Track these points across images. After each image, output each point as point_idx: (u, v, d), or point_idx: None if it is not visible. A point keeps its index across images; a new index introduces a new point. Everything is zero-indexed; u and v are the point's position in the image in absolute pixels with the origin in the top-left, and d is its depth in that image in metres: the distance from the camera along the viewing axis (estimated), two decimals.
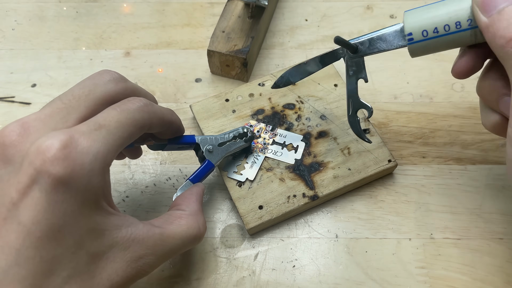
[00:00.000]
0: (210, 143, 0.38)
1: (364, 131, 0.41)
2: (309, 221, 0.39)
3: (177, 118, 0.35)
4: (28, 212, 0.24)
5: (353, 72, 0.36)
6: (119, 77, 0.31)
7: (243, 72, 0.45)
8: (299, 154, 0.40)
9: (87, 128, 0.27)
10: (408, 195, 0.40)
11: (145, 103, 0.30)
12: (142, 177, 0.41)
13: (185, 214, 0.33)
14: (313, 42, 0.49)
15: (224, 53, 0.44)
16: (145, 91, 0.34)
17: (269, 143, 0.41)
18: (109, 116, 0.28)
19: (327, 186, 0.39)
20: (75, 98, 0.29)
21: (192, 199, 0.34)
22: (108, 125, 0.27)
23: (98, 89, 0.30)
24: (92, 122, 0.27)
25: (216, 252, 0.38)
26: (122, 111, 0.29)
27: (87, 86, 0.30)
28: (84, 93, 0.29)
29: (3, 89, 0.47)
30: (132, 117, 0.29)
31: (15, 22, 0.51)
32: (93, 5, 0.52)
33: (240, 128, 0.39)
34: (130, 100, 0.30)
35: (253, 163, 0.39)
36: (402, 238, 0.38)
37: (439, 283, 0.36)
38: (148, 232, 0.29)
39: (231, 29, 0.45)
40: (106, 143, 0.27)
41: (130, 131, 0.29)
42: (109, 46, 0.49)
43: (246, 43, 0.44)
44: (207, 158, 0.37)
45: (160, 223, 0.31)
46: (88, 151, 0.26)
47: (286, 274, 0.37)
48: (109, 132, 0.27)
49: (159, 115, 0.32)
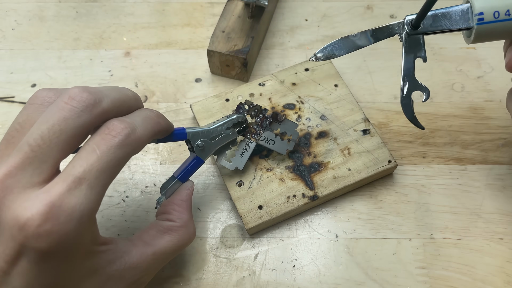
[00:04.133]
0: (202, 137, 0.35)
1: (364, 131, 0.41)
2: (309, 221, 0.39)
3: (164, 124, 0.31)
4: (20, 279, 0.25)
5: (411, 50, 0.33)
6: (92, 101, 0.27)
7: (243, 72, 0.45)
8: (292, 144, 0.39)
9: (65, 188, 0.24)
10: (408, 195, 0.40)
11: (127, 134, 0.27)
12: (142, 177, 0.41)
13: (176, 227, 0.32)
14: (313, 42, 0.49)
15: (224, 53, 0.44)
16: (123, 98, 0.30)
17: (262, 128, 0.39)
18: (87, 164, 0.25)
19: (327, 186, 0.39)
20: (45, 142, 0.25)
21: (183, 206, 0.33)
22: (88, 178, 0.25)
23: (70, 126, 0.26)
24: (71, 178, 0.25)
25: (216, 252, 0.38)
26: (102, 153, 0.26)
27: (56, 124, 0.26)
28: (55, 134, 0.26)
29: (3, 89, 0.47)
30: (114, 158, 0.26)
31: (15, 22, 0.51)
32: (93, 5, 0.52)
33: (235, 116, 0.37)
34: (109, 133, 0.27)
35: (244, 151, 0.38)
36: (402, 238, 0.38)
37: (439, 283, 0.36)
38: (141, 256, 0.30)
39: (231, 29, 0.45)
40: (89, 200, 0.25)
41: (114, 173, 0.27)
42: (109, 46, 0.49)
43: (246, 43, 0.44)
44: (197, 154, 0.35)
45: (150, 237, 0.31)
46: (72, 217, 0.24)
47: (286, 274, 0.37)
48: (90, 187, 0.25)
49: (144, 140, 0.29)
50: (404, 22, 0.33)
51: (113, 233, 0.39)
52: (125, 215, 0.40)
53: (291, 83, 0.44)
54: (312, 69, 0.44)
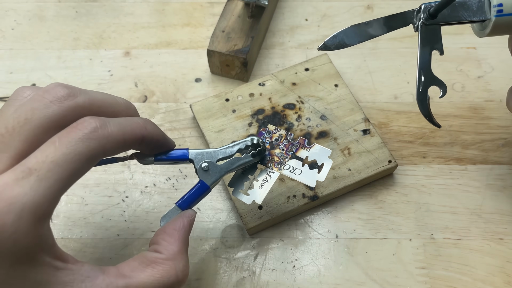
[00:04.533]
0: (207, 158, 0.31)
1: (364, 131, 0.41)
2: (309, 221, 0.39)
3: (153, 132, 0.29)
4: None
5: (427, 41, 0.31)
6: (65, 93, 0.26)
7: (243, 72, 0.45)
8: (324, 175, 0.33)
9: (12, 178, 0.23)
10: (409, 195, 0.40)
11: (94, 127, 0.25)
12: (142, 177, 0.41)
13: (161, 259, 0.28)
14: (313, 42, 0.49)
15: (224, 53, 0.44)
16: (109, 100, 0.28)
17: (288, 156, 0.33)
18: (43, 155, 0.23)
19: (327, 186, 0.39)
20: (8, 131, 0.24)
21: (173, 237, 0.29)
22: (39, 169, 0.23)
23: (36, 116, 0.25)
24: (21, 168, 0.23)
25: (216, 252, 0.38)
26: (61, 145, 0.24)
27: (23, 113, 0.25)
28: (19, 123, 0.24)
29: (2, 89, 0.46)
30: (73, 150, 0.24)
31: (14, 22, 0.51)
32: (93, 5, 0.52)
33: (249, 139, 0.32)
34: (75, 126, 0.25)
35: (264, 182, 0.33)
36: (402, 238, 0.38)
37: (440, 283, 0.36)
38: (108, 286, 0.25)
39: (231, 29, 0.45)
40: (35, 193, 0.23)
41: (72, 169, 0.24)
42: (108, 46, 0.49)
43: (246, 43, 0.44)
44: (200, 178, 0.31)
45: (130, 269, 0.27)
46: (10, 209, 0.22)
47: (286, 274, 0.37)
48: (39, 179, 0.23)
49: (116, 138, 0.26)
50: (420, 10, 0.31)
51: (113, 233, 0.39)
52: (125, 215, 0.40)
53: (291, 83, 0.44)
54: (312, 69, 0.44)
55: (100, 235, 0.39)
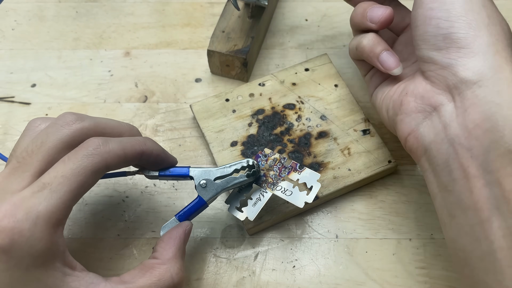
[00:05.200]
0: (206, 176, 0.34)
1: (364, 131, 0.41)
2: (309, 221, 0.39)
3: (152, 148, 0.32)
4: None
5: None
6: (73, 118, 0.30)
7: (243, 72, 0.45)
8: (311, 196, 0.35)
9: (30, 192, 0.27)
10: (409, 195, 0.40)
11: (96, 145, 0.29)
12: (142, 177, 0.41)
13: (157, 264, 0.31)
14: (313, 42, 0.49)
15: (224, 53, 0.44)
16: (112, 124, 0.32)
17: (280, 178, 0.36)
18: (54, 172, 0.27)
19: (327, 186, 0.39)
20: (28, 154, 0.29)
21: (169, 244, 0.32)
22: (51, 183, 0.27)
23: (50, 138, 0.29)
24: (37, 184, 0.27)
25: (216, 252, 0.38)
26: (69, 161, 0.28)
27: (39, 138, 0.29)
28: (37, 146, 0.29)
29: (3, 89, 0.47)
30: (79, 166, 0.28)
31: (15, 22, 0.51)
32: (93, 5, 0.52)
33: (245, 160, 0.35)
34: (81, 146, 0.29)
35: (257, 200, 0.35)
36: (402, 238, 0.38)
37: (440, 283, 0.36)
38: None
39: (231, 29, 0.45)
40: (47, 203, 0.26)
41: (79, 181, 0.28)
42: (109, 46, 0.49)
43: (246, 43, 0.44)
44: (199, 194, 0.34)
45: (131, 276, 0.30)
46: (27, 217, 0.26)
47: (286, 274, 0.37)
48: (51, 191, 0.27)
49: (116, 152, 0.30)
50: None
51: (113, 233, 0.39)
52: (125, 215, 0.40)
53: (291, 83, 0.44)
54: (312, 69, 0.44)
55: (100, 235, 0.39)
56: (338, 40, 0.49)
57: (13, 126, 0.44)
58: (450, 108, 0.29)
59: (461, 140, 0.28)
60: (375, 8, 0.34)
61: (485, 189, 0.27)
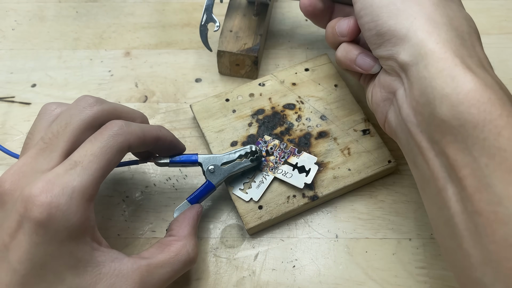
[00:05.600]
0: (213, 162, 0.37)
1: (364, 131, 0.41)
2: (309, 221, 0.39)
3: (166, 134, 0.35)
4: (15, 253, 0.27)
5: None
6: (93, 101, 0.32)
7: (253, 70, 0.45)
8: (310, 177, 0.38)
9: (63, 169, 0.28)
10: (408, 195, 0.40)
11: (120, 126, 0.31)
12: (142, 177, 0.41)
13: (174, 240, 0.33)
14: (313, 42, 0.49)
15: (235, 52, 0.44)
16: (127, 109, 0.34)
17: (280, 162, 0.39)
18: (83, 150, 0.29)
19: (327, 186, 0.39)
20: (54, 135, 0.30)
21: (184, 223, 0.35)
22: (83, 161, 0.29)
23: (74, 119, 0.31)
24: (68, 162, 0.29)
25: (216, 252, 0.38)
26: (95, 141, 0.30)
27: (63, 119, 0.31)
28: (62, 127, 0.31)
29: (3, 89, 0.47)
30: (106, 144, 0.30)
31: (15, 22, 0.51)
32: (93, 5, 0.52)
33: (248, 147, 0.38)
34: (106, 126, 0.31)
35: (260, 183, 0.38)
36: (402, 238, 0.38)
37: (439, 283, 0.36)
38: (133, 265, 0.30)
39: (239, 28, 0.45)
40: (81, 179, 0.28)
41: (107, 159, 0.30)
42: (109, 46, 0.49)
43: (255, 41, 0.44)
44: (207, 178, 0.37)
45: (150, 253, 0.32)
46: (63, 192, 0.27)
47: (286, 274, 0.37)
48: (83, 168, 0.29)
49: (138, 134, 0.32)
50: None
51: (113, 233, 0.39)
52: (125, 215, 0.40)
53: (291, 83, 0.44)
54: (312, 69, 0.44)
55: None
56: None
57: (13, 126, 0.44)
58: (401, 91, 0.32)
59: (411, 118, 0.31)
60: (341, 23, 0.37)
61: (436, 160, 0.29)
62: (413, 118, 0.30)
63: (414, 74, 0.30)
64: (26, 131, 0.44)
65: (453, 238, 0.28)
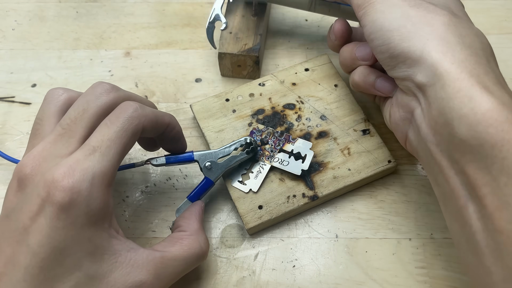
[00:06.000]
0: (209, 158, 0.37)
1: (364, 131, 0.41)
2: (309, 221, 0.39)
3: (176, 123, 0.35)
4: (35, 236, 0.27)
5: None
6: (110, 87, 0.33)
7: (255, 70, 0.45)
8: (307, 164, 0.39)
9: (82, 155, 0.29)
10: (408, 195, 0.40)
11: (135, 108, 0.31)
12: (142, 177, 0.41)
13: (186, 235, 0.34)
14: (313, 42, 0.49)
15: (236, 53, 0.44)
16: (140, 98, 0.35)
17: (276, 150, 0.40)
18: (100, 135, 0.30)
19: (327, 186, 0.39)
20: (72, 121, 0.31)
21: (192, 218, 0.35)
22: (101, 146, 0.29)
23: (91, 105, 0.31)
24: (87, 147, 0.29)
25: (216, 252, 0.38)
26: (112, 125, 0.30)
27: (81, 105, 0.31)
28: (79, 113, 0.31)
29: (3, 89, 0.47)
30: (122, 128, 0.30)
31: (15, 22, 0.51)
32: (93, 5, 0.52)
33: (243, 139, 0.38)
34: (121, 107, 0.31)
35: (258, 173, 0.39)
36: (402, 238, 0.38)
37: (439, 283, 0.36)
38: (148, 256, 0.31)
39: (238, 29, 0.45)
40: (101, 165, 0.29)
41: (124, 143, 0.30)
42: (109, 46, 0.49)
43: (255, 41, 0.44)
44: (205, 175, 0.37)
45: (162, 247, 0.32)
46: (84, 178, 0.28)
47: (286, 274, 0.37)
48: (102, 154, 0.29)
49: (151, 117, 0.32)
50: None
51: None
52: (125, 215, 0.40)
53: (291, 83, 0.44)
54: (312, 69, 0.44)
55: None
56: None
57: (13, 126, 0.44)
58: (419, 111, 0.32)
59: (430, 137, 0.31)
60: (361, 48, 0.38)
61: (456, 178, 0.30)
62: (432, 138, 0.31)
63: (431, 95, 0.30)
64: (27, 131, 0.44)
65: (474, 255, 0.29)
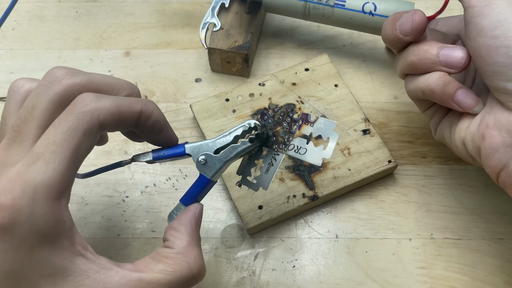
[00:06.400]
0: (204, 150, 0.30)
1: (364, 131, 0.41)
2: (309, 221, 0.39)
3: (152, 110, 0.29)
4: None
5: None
6: (63, 73, 0.27)
7: (244, 68, 0.45)
8: (330, 151, 0.31)
9: (24, 165, 0.24)
10: (408, 195, 0.40)
11: (86, 102, 0.25)
12: (142, 177, 0.41)
13: (172, 253, 0.28)
14: (313, 42, 0.49)
15: (225, 50, 0.44)
16: (109, 80, 0.29)
17: (292, 134, 0.31)
18: (45, 139, 0.25)
19: (327, 186, 0.39)
20: (22, 121, 0.26)
21: (181, 231, 0.29)
22: (44, 152, 0.24)
23: (40, 100, 0.26)
24: (30, 155, 0.25)
25: (216, 252, 0.38)
26: (59, 125, 0.25)
27: (30, 101, 0.26)
28: (28, 111, 0.26)
29: (3, 89, 0.47)
30: (69, 128, 0.25)
31: (15, 22, 0.51)
32: (93, 5, 0.52)
33: (246, 123, 0.30)
34: (73, 103, 0.26)
35: (269, 166, 0.31)
36: (402, 238, 0.38)
37: (439, 283, 0.36)
38: (122, 279, 0.25)
39: (230, 25, 0.45)
40: (44, 176, 0.24)
41: (73, 146, 0.25)
42: (109, 46, 0.49)
43: (246, 39, 0.44)
44: (200, 171, 0.30)
45: (144, 264, 0.27)
46: (24, 193, 0.23)
47: (286, 274, 0.37)
48: (46, 162, 0.24)
49: (110, 109, 0.26)
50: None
51: (113, 233, 0.39)
52: (125, 215, 0.40)
53: (291, 83, 0.44)
54: (312, 69, 0.44)
55: (100, 235, 0.39)
56: (338, 40, 0.49)
57: None
58: None
59: None
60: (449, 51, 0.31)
61: None
62: None
63: None
64: None
65: None
